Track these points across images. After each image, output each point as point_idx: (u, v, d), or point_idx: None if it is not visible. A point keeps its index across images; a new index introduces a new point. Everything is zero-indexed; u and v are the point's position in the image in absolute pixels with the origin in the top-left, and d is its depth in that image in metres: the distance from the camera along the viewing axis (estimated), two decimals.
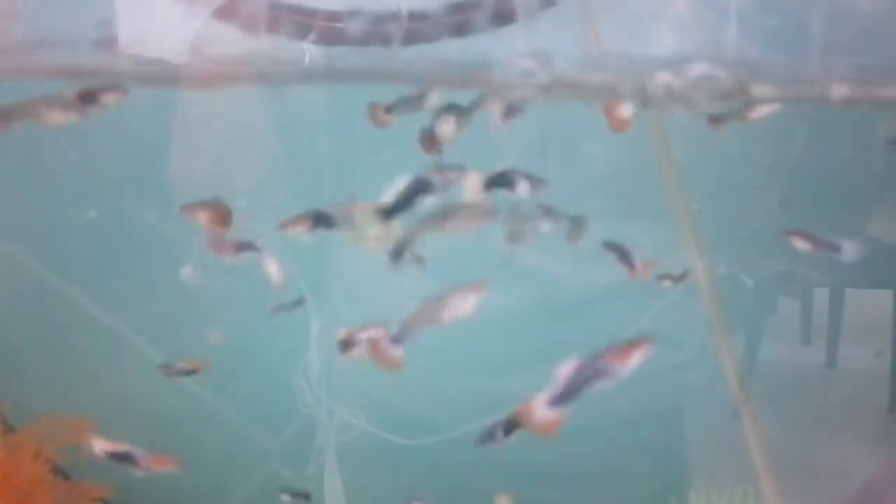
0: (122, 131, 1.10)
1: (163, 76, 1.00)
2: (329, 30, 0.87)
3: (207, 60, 0.91)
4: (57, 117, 0.83)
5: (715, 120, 0.92)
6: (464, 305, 0.78)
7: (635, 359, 0.68)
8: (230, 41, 0.89)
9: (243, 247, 0.99)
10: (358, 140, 1.18)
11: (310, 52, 0.92)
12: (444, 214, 0.86)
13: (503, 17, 0.91)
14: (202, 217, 0.90)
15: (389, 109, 0.95)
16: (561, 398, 0.70)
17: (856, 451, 1.23)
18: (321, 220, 0.87)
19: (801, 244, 1.06)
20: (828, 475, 1.35)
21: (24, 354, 1.31)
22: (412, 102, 0.94)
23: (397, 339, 0.80)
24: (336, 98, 1.14)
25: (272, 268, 1.02)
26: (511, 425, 0.77)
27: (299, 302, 1.15)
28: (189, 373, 1.13)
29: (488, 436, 0.80)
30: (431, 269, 0.95)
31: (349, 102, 1.08)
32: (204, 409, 1.34)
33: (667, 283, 1.16)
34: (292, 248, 1.11)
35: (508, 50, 0.89)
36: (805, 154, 1.25)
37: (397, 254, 0.85)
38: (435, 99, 0.91)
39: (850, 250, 1.04)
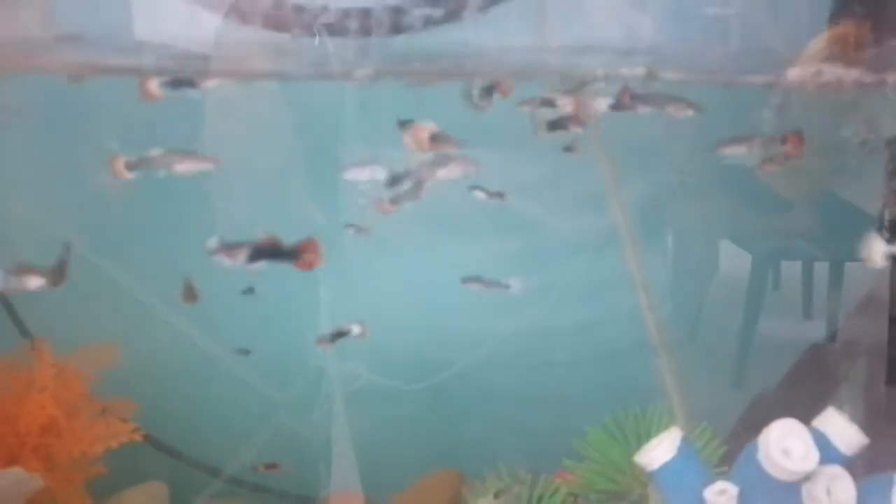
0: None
1: (183, 70, 1.10)
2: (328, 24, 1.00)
3: (225, 55, 1.05)
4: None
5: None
6: (452, 172, 0.99)
7: None
8: (244, 38, 1.05)
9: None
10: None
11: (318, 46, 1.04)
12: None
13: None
14: None
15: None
16: None
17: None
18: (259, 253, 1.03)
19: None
20: None
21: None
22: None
23: (394, 181, 0.99)
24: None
25: None
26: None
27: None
28: None
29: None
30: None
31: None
32: (221, 365, 1.43)
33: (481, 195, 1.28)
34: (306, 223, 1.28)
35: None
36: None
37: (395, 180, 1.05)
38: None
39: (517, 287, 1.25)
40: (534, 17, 1.26)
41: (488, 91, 1.13)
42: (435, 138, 1.03)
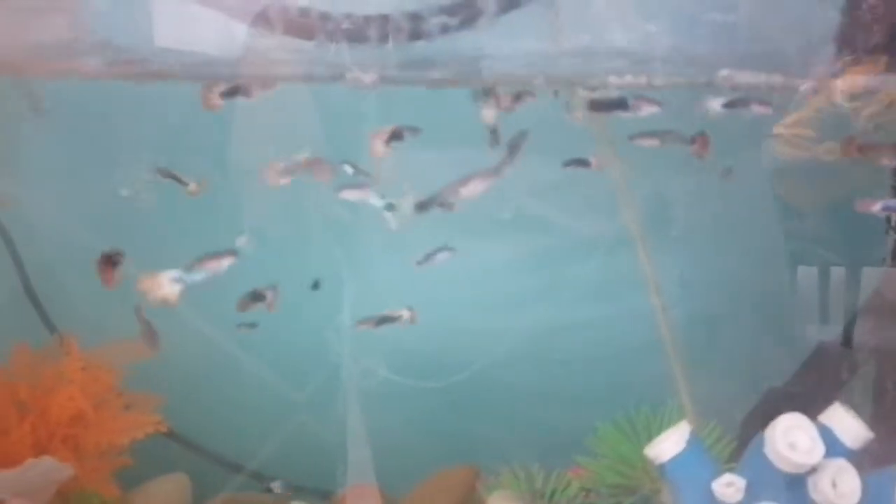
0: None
1: (208, 74, 1.14)
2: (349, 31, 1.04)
3: (251, 61, 1.10)
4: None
5: None
6: (475, 189, 1.03)
7: None
8: (270, 44, 1.09)
9: None
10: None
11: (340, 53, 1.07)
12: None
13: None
14: None
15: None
16: None
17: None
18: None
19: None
20: None
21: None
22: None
23: (421, 207, 1.07)
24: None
25: None
26: None
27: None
28: None
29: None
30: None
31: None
32: (241, 365, 1.46)
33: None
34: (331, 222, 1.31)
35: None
36: None
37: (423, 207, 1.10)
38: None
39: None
40: (546, 24, 1.29)
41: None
42: (394, 135, 1.06)
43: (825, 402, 1.11)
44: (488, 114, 1.13)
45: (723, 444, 1.36)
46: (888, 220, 1.35)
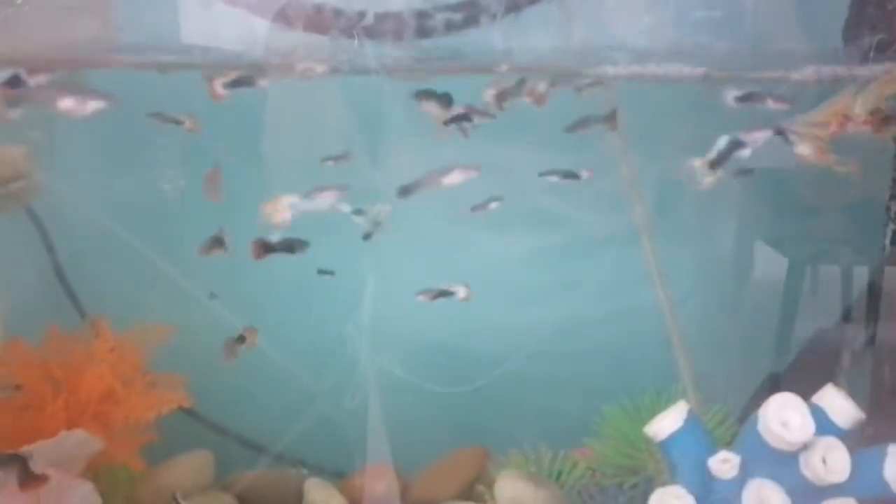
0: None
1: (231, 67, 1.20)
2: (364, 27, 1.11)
3: (272, 54, 1.16)
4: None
5: None
6: (455, 179, 1.09)
7: None
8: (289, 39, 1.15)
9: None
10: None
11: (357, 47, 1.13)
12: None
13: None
14: None
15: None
16: None
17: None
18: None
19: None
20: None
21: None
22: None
23: (404, 193, 1.10)
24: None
25: None
26: None
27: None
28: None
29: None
30: None
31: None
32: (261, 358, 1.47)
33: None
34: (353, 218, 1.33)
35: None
36: None
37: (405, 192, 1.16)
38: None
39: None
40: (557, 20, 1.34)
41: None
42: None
43: (822, 386, 1.15)
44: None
45: (725, 427, 1.41)
46: (887, 210, 1.38)
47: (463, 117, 1.21)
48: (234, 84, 1.12)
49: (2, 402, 1.28)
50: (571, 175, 1.29)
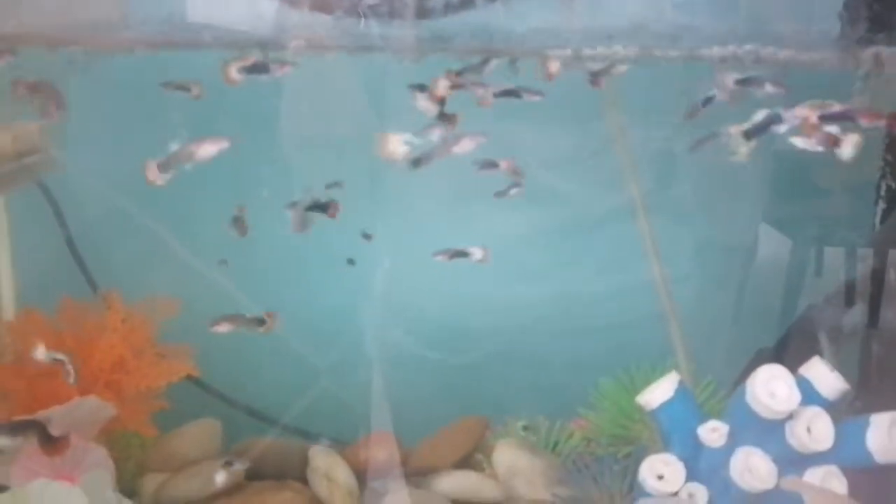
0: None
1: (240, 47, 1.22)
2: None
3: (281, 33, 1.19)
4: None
5: None
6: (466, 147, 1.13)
7: None
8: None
9: None
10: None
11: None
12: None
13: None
14: None
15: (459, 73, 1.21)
16: None
17: None
18: None
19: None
20: None
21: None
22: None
23: (416, 163, 1.14)
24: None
25: None
26: None
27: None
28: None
29: None
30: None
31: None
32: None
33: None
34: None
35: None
36: None
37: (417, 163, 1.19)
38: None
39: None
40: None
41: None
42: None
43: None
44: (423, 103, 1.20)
45: (717, 399, 1.45)
46: (877, 188, 1.41)
47: (512, 93, 1.24)
48: (250, 70, 1.14)
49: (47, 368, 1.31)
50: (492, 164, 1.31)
